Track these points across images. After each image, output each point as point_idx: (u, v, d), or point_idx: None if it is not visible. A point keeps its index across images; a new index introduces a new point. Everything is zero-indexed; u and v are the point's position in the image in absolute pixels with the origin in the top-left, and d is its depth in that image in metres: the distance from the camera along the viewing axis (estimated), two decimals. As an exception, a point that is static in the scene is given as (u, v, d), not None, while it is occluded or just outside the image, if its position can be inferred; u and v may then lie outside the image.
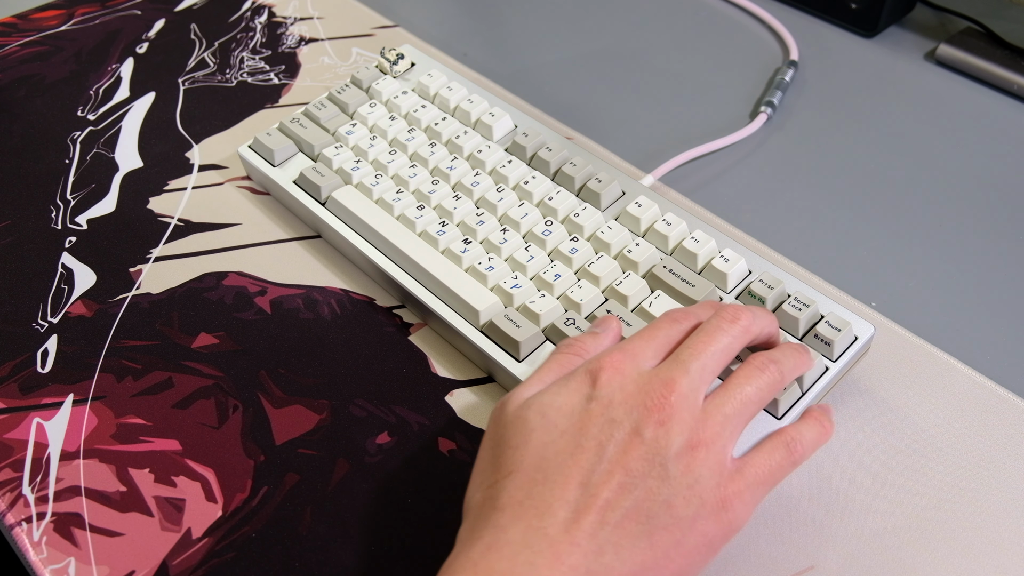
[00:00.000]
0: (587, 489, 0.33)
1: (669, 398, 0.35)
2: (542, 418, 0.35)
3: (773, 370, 0.38)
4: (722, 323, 0.38)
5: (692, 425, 0.35)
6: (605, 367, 0.36)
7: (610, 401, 0.35)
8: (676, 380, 0.35)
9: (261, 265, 0.54)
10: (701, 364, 0.36)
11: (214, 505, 0.42)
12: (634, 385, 0.35)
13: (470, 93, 0.58)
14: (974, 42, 0.66)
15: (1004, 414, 0.45)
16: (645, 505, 0.33)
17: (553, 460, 0.34)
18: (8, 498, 0.43)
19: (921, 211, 0.56)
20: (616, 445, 0.34)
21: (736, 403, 0.36)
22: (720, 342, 0.37)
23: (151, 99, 0.66)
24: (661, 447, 0.34)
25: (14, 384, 0.48)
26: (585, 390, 0.36)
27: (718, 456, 0.35)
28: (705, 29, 0.71)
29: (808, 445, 0.38)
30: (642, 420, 0.34)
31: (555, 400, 0.36)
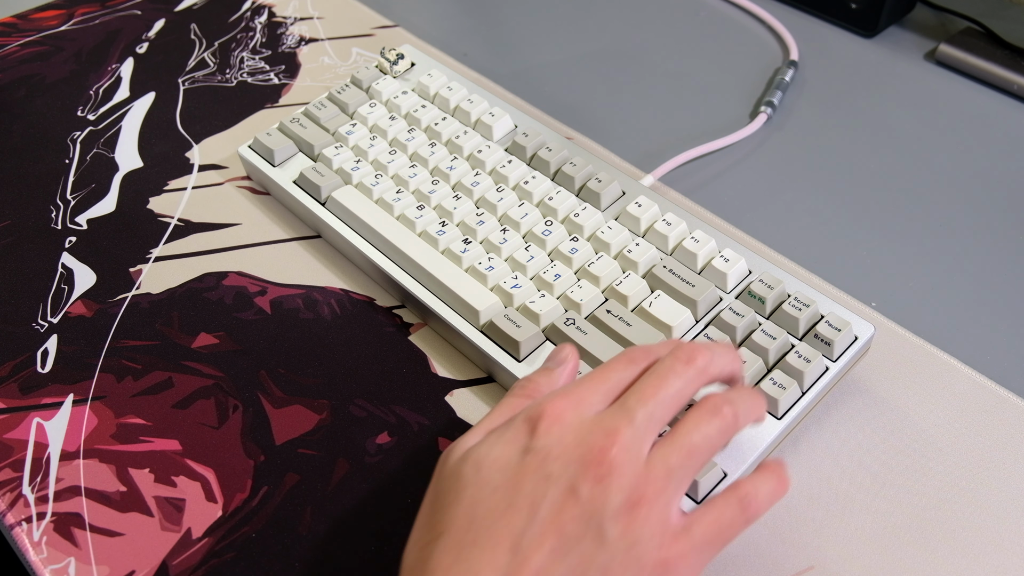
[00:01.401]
0: (518, 553, 0.31)
1: (609, 451, 0.32)
2: (476, 473, 0.33)
3: (727, 413, 0.34)
4: (676, 364, 0.35)
5: (633, 481, 0.32)
6: (545, 415, 0.33)
7: (547, 454, 0.32)
8: (619, 430, 0.32)
9: (261, 265, 0.54)
10: (648, 412, 0.33)
11: (214, 505, 0.42)
12: (573, 436, 0.33)
13: (470, 93, 0.58)
14: (974, 42, 0.66)
15: (1004, 414, 0.45)
16: (579, 571, 0.30)
17: (484, 520, 0.32)
18: (8, 498, 0.43)
19: (921, 211, 0.56)
20: (550, 504, 0.31)
21: (683, 454, 0.33)
22: (672, 386, 0.34)
23: (151, 99, 0.66)
24: (598, 506, 0.31)
25: (14, 384, 0.48)
26: (522, 441, 0.33)
27: (661, 514, 0.32)
28: (705, 29, 0.71)
29: (763, 501, 0.34)
30: (579, 476, 0.31)
31: (490, 452, 0.33)
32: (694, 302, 0.45)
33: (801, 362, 0.42)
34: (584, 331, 0.45)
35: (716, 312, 0.46)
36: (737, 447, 0.41)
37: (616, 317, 0.45)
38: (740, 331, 0.44)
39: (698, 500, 0.39)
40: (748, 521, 0.34)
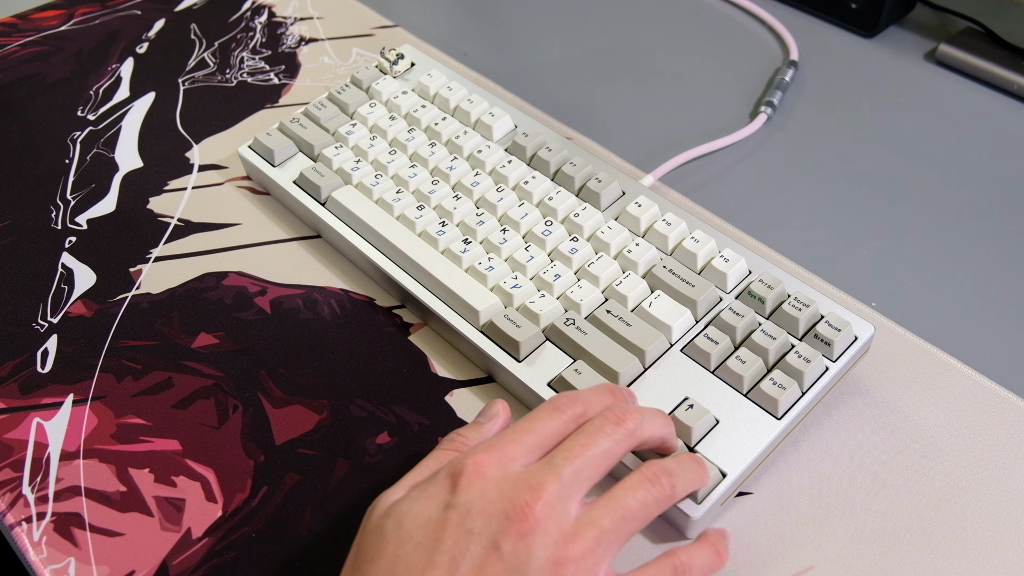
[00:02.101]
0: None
1: (534, 506, 0.31)
2: (397, 528, 0.33)
3: (665, 484, 0.34)
4: (605, 424, 0.34)
5: (558, 539, 0.31)
6: (467, 469, 0.33)
7: (468, 509, 0.32)
8: (544, 486, 0.32)
9: (261, 265, 0.54)
10: (575, 469, 0.33)
11: (214, 505, 0.42)
12: (496, 491, 0.32)
13: (470, 93, 0.58)
14: (974, 42, 0.66)
15: (1004, 414, 0.45)
16: None
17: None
18: (8, 498, 0.43)
19: (921, 211, 0.56)
20: (471, 560, 0.31)
21: (615, 517, 0.32)
22: (600, 445, 0.33)
23: (151, 99, 0.66)
24: (521, 563, 0.30)
25: (14, 384, 0.48)
26: (443, 496, 0.33)
27: (587, 574, 0.31)
28: (705, 29, 0.71)
29: (697, 572, 0.34)
30: (501, 532, 0.31)
31: (412, 508, 0.33)
32: (694, 302, 0.45)
33: (801, 362, 0.42)
34: (584, 331, 0.45)
35: (716, 312, 0.46)
36: (737, 448, 0.41)
37: (616, 317, 0.45)
38: (740, 331, 0.44)
39: (698, 500, 0.39)
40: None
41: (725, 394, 0.43)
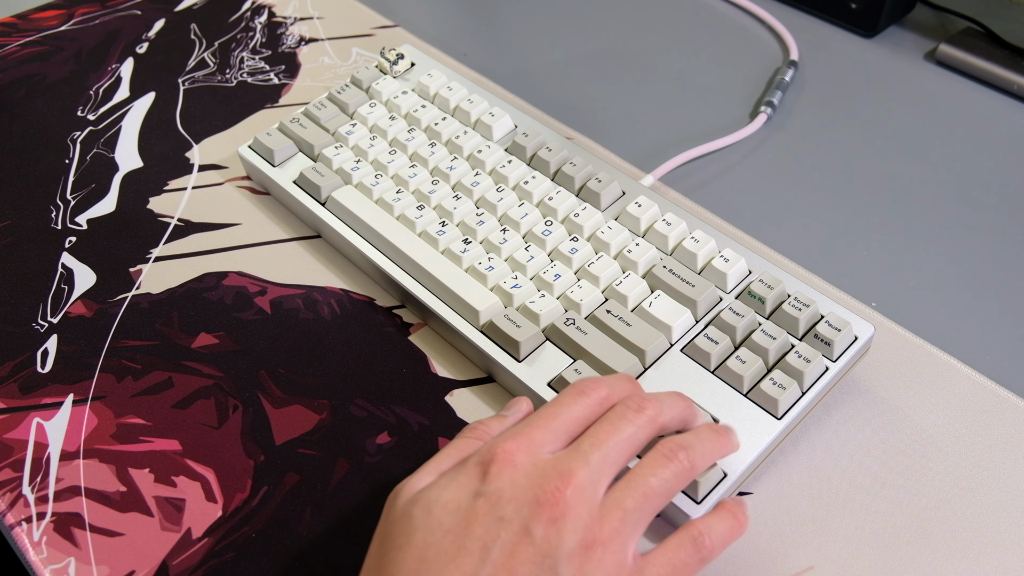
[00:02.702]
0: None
1: (564, 492, 0.32)
2: (427, 516, 0.33)
3: (682, 458, 0.35)
4: (627, 412, 0.35)
5: (588, 522, 0.32)
6: (497, 458, 0.33)
7: (499, 497, 0.32)
8: (574, 472, 0.33)
9: (261, 265, 0.54)
10: (602, 455, 0.33)
11: (214, 505, 0.42)
12: (526, 478, 0.33)
13: (470, 93, 0.58)
14: (974, 42, 0.66)
15: (1004, 414, 0.45)
16: None
17: (434, 563, 0.31)
18: (8, 498, 0.43)
19: (921, 211, 0.56)
20: (502, 546, 0.31)
21: (639, 496, 0.33)
22: (624, 431, 0.34)
23: (151, 99, 0.66)
24: (552, 547, 0.31)
25: (14, 384, 0.48)
26: (474, 485, 0.33)
27: (616, 556, 0.32)
28: (705, 29, 0.71)
29: (718, 540, 0.35)
30: (533, 517, 0.32)
31: (441, 496, 0.33)
32: (694, 302, 0.45)
33: (801, 362, 0.42)
34: (584, 331, 0.45)
35: (716, 312, 0.46)
36: (737, 447, 0.41)
37: (616, 317, 0.45)
38: (740, 331, 0.44)
39: (698, 500, 0.39)
40: (703, 561, 0.34)
41: (725, 394, 0.43)
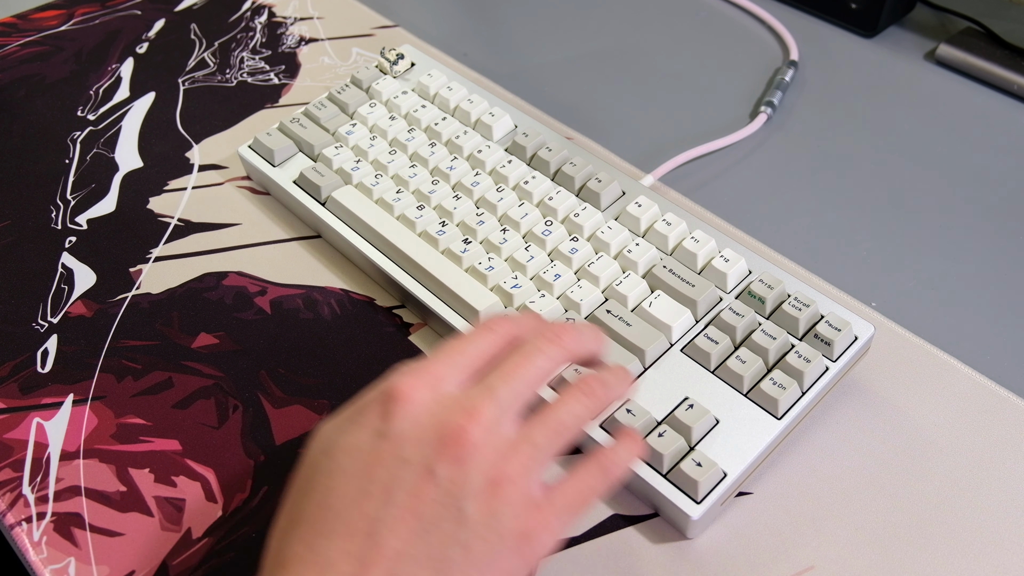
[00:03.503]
0: (373, 539, 0.30)
1: (469, 429, 0.31)
2: (329, 460, 0.32)
3: (599, 394, 0.34)
4: (540, 343, 0.34)
5: (494, 459, 0.31)
6: (397, 395, 0.32)
7: (401, 437, 0.31)
8: (480, 409, 0.31)
9: (261, 265, 0.54)
10: (511, 389, 0.32)
11: (214, 505, 0.42)
12: (429, 416, 0.32)
13: (470, 93, 0.58)
14: (974, 42, 0.66)
15: (1004, 414, 0.45)
16: (439, 551, 0.30)
17: (335, 508, 0.31)
18: (8, 498, 0.43)
19: (921, 211, 0.56)
20: (406, 489, 0.30)
21: (550, 432, 0.33)
22: (535, 364, 0.33)
23: (151, 99, 0.66)
24: (457, 487, 0.30)
25: (14, 384, 0.48)
26: (374, 424, 0.32)
27: (524, 490, 0.31)
28: (705, 29, 0.71)
29: (623, 464, 0.35)
30: (436, 457, 0.31)
31: (342, 439, 0.32)
32: (694, 302, 0.45)
33: (801, 362, 0.42)
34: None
35: (716, 312, 0.46)
36: (737, 448, 0.41)
37: (616, 317, 0.45)
38: (740, 331, 0.44)
39: (698, 500, 0.39)
40: (610, 484, 0.34)
41: (725, 394, 0.43)
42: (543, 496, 0.32)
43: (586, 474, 0.34)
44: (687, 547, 0.40)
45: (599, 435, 0.42)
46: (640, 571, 0.40)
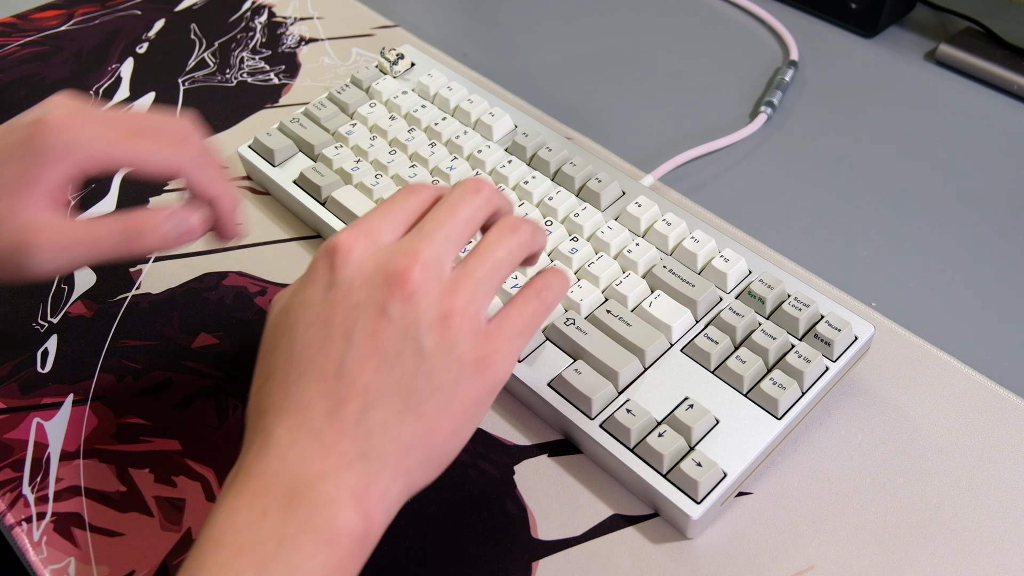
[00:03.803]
0: (343, 378, 0.32)
1: (413, 270, 0.33)
2: (287, 318, 0.35)
3: (525, 229, 0.37)
4: (464, 194, 0.36)
5: (440, 296, 0.34)
6: (339, 248, 0.34)
7: (350, 285, 0.34)
8: (419, 251, 0.34)
9: (261, 265, 0.54)
10: (444, 234, 0.35)
11: (214, 505, 0.42)
12: (372, 263, 0.34)
13: (470, 93, 0.58)
14: (974, 42, 0.66)
15: (1004, 414, 0.45)
16: (405, 381, 0.33)
17: (303, 356, 0.33)
18: (8, 498, 0.43)
19: (921, 211, 0.56)
20: (363, 329, 0.33)
21: (487, 268, 0.35)
22: (463, 212, 0.36)
23: (151, 99, 0.66)
24: (411, 322, 0.33)
25: (14, 384, 0.48)
26: (323, 278, 0.34)
27: (472, 321, 0.34)
28: (705, 29, 0.71)
29: (557, 291, 0.38)
30: (387, 297, 0.33)
31: (295, 298, 0.35)
32: (694, 302, 0.45)
33: (801, 362, 0.42)
34: (584, 331, 0.45)
35: (716, 312, 0.46)
36: (737, 448, 0.41)
37: (616, 317, 0.45)
38: (740, 331, 0.44)
39: (698, 500, 0.39)
40: (548, 310, 0.37)
41: (725, 394, 0.43)
42: (491, 325, 0.35)
43: (524, 301, 0.37)
44: (687, 547, 0.40)
45: (600, 435, 0.42)
46: (640, 571, 0.40)
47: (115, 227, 0.38)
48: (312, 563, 0.30)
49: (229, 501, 0.31)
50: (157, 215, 0.39)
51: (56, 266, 0.38)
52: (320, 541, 0.30)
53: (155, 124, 0.40)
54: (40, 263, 0.37)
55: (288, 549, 0.30)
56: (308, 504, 0.30)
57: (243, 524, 0.30)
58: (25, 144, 0.36)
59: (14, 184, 0.36)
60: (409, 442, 0.32)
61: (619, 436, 0.41)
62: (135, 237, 0.38)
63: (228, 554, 0.30)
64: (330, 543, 0.30)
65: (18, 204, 0.36)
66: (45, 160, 0.37)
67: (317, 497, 0.31)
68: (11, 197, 0.36)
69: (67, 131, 0.37)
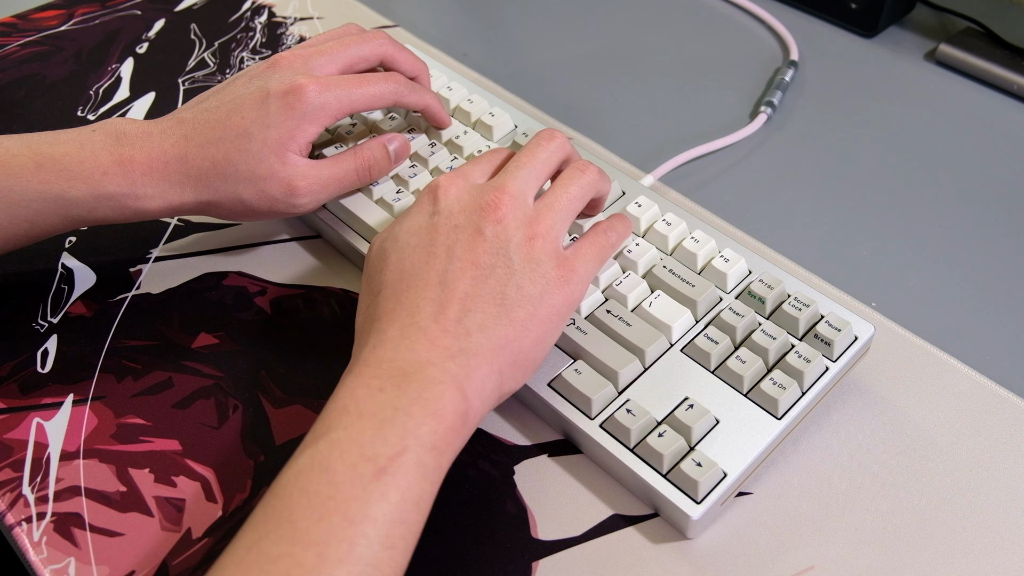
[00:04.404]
0: (446, 286, 0.38)
1: (502, 199, 0.40)
2: (395, 243, 0.40)
3: (592, 170, 0.43)
4: (540, 141, 0.43)
5: (525, 220, 0.40)
6: (440, 186, 0.41)
7: (451, 212, 0.40)
8: (506, 185, 0.40)
9: (261, 265, 0.54)
10: (526, 172, 0.41)
11: (214, 505, 0.42)
12: (469, 195, 0.41)
13: (470, 93, 0.58)
14: (974, 42, 0.66)
15: (1004, 414, 0.45)
16: (499, 289, 0.38)
17: (411, 271, 0.39)
18: (8, 498, 0.43)
19: (921, 211, 0.56)
20: (463, 246, 0.39)
21: (563, 201, 0.41)
22: (540, 156, 0.43)
23: (151, 99, 0.66)
24: (502, 241, 0.39)
25: (14, 384, 0.48)
26: (428, 208, 0.41)
27: (553, 244, 0.40)
28: (705, 29, 0.71)
29: (620, 231, 0.45)
30: (482, 220, 0.39)
31: (403, 225, 0.41)
32: (694, 302, 0.45)
33: (801, 362, 0.42)
34: (584, 331, 0.45)
35: (716, 312, 0.46)
36: (737, 448, 0.41)
37: (616, 317, 0.45)
38: (740, 331, 0.44)
39: (698, 500, 0.39)
40: (613, 247, 0.44)
41: (725, 394, 0.43)
42: (568, 251, 0.41)
43: (593, 236, 0.43)
44: (687, 547, 0.40)
45: (600, 435, 0.42)
46: (640, 571, 0.40)
47: (353, 165, 0.49)
48: (422, 429, 0.35)
49: (350, 381, 0.36)
50: (377, 148, 0.50)
51: (317, 201, 0.48)
52: (428, 412, 0.35)
53: (365, 60, 0.49)
54: (306, 202, 0.47)
55: (402, 416, 0.35)
56: (418, 382, 0.35)
57: (363, 396, 0.35)
58: (285, 110, 0.45)
59: (281, 142, 0.45)
60: (502, 343, 0.37)
61: (619, 436, 0.41)
62: (370, 168, 0.49)
63: (351, 418, 0.35)
64: (436, 415, 0.35)
65: (287, 157, 0.46)
66: (304, 120, 0.46)
67: (425, 378, 0.36)
68: (281, 151, 0.45)
69: (317, 95, 0.46)
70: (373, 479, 0.33)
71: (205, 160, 0.45)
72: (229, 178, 0.45)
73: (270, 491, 0.34)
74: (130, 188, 0.45)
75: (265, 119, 0.45)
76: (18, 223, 0.45)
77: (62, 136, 0.45)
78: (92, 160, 0.44)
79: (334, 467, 0.33)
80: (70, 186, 0.44)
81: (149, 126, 0.46)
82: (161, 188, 0.45)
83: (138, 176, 0.45)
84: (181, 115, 0.47)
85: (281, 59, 0.47)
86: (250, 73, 0.48)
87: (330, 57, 0.48)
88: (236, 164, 0.45)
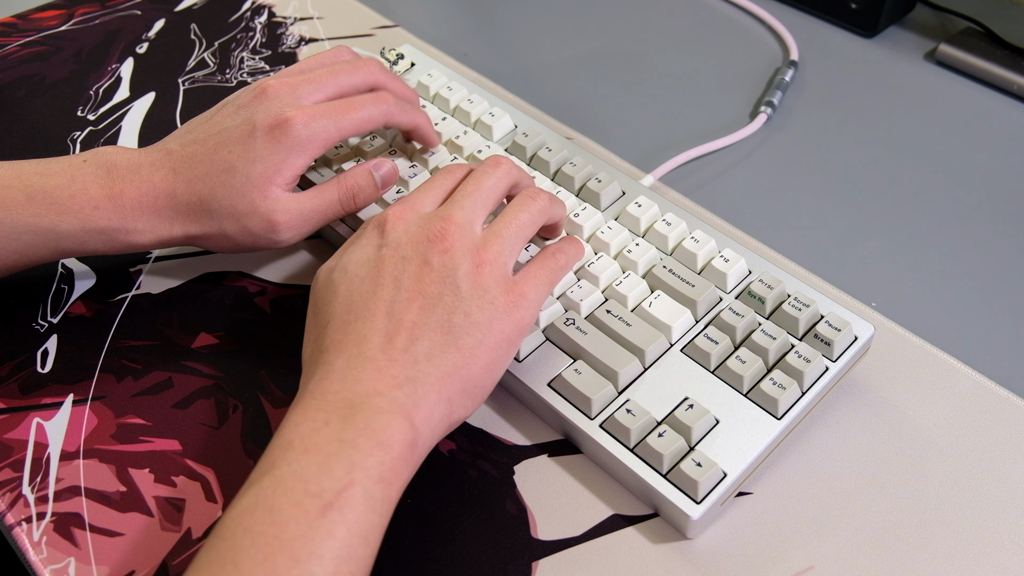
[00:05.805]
0: (393, 316, 0.38)
1: (449, 228, 0.40)
2: (344, 274, 0.40)
3: (543, 197, 0.44)
4: (487, 168, 0.44)
5: (473, 249, 0.40)
6: (389, 218, 0.41)
7: (398, 243, 0.40)
8: (452, 215, 0.40)
9: (261, 265, 0.54)
10: (472, 201, 0.42)
11: (214, 505, 0.42)
12: (416, 226, 0.41)
13: (470, 93, 0.58)
14: (974, 42, 0.66)
15: (1004, 414, 0.45)
16: (446, 318, 0.38)
17: (359, 302, 0.39)
18: (8, 498, 0.43)
19: (921, 211, 0.56)
20: (410, 276, 0.39)
21: (512, 228, 0.42)
22: (486, 183, 0.43)
23: (151, 99, 0.66)
24: (449, 270, 0.39)
25: (14, 384, 0.48)
26: (376, 241, 0.41)
27: (501, 271, 0.40)
28: (705, 29, 0.71)
29: (570, 254, 0.44)
30: (428, 251, 0.39)
31: (352, 257, 0.41)
32: (694, 302, 0.45)
33: (801, 362, 0.42)
34: (584, 331, 0.45)
35: (716, 312, 0.46)
36: (737, 448, 0.41)
37: (616, 317, 0.45)
38: (740, 331, 0.44)
39: (698, 500, 0.39)
40: (563, 269, 0.43)
41: (725, 394, 0.43)
42: (518, 276, 0.41)
43: (542, 260, 0.43)
44: (687, 547, 0.40)
45: (600, 435, 0.42)
46: (640, 571, 0.40)
47: (336, 195, 0.48)
48: (369, 461, 0.34)
49: (295, 415, 0.36)
50: (362, 175, 0.48)
51: (300, 234, 0.47)
52: (375, 443, 0.35)
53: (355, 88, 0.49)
54: (288, 237, 0.46)
55: (348, 448, 0.34)
56: (365, 413, 0.35)
57: (308, 431, 0.35)
58: (272, 144, 0.45)
59: (265, 176, 0.45)
60: (450, 370, 0.37)
61: (619, 436, 0.41)
62: (354, 196, 0.48)
63: (296, 453, 0.34)
64: (383, 445, 0.35)
65: (269, 191, 0.45)
66: (291, 154, 0.45)
67: (372, 408, 0.35)
68: (264, 186, 0.45)
69: (303, 127, 0.45)
70: (319, 515, 0.32)
71: (192, 196, 0.45)
72: (214, 213, 0.45)
73: (214, 533, 0.33)
74: (120, 223, 0.45)
75: (251, 153, 0.45)
76: (7, 254, 0.45)
77: (53, 167, 0.45)
78: (83, 194, 0.44)
79: (279, 505, 0.33)
80: (61, 220, 0.44)
81: (139, 157, 0.46)
82: (151, 223, 0.45)
83: (128, 211, 0.45)
84: (170, 146, 0.46)
85: (268, 87, 0.46)
86: (237, 102, 0.47)
87: (318, 86, 0.47)
88: (220, 199, 0.45)
